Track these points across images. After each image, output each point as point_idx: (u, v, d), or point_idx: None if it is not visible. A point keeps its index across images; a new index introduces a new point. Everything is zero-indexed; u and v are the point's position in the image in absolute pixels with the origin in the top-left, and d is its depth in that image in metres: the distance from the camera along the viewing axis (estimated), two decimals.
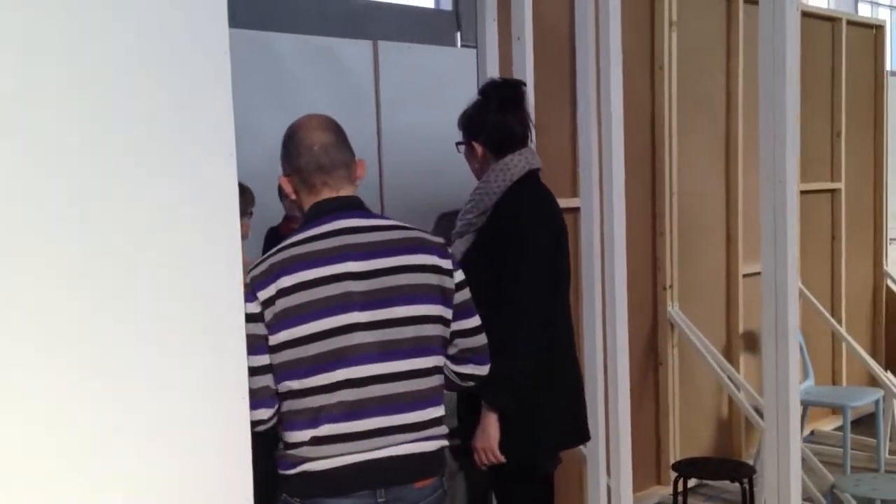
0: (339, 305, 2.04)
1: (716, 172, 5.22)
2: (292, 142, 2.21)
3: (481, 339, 2.27)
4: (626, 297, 3.56)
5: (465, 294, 2.22)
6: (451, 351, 2.23)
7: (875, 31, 6.57)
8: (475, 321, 2.25)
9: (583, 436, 3.04)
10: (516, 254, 2.75)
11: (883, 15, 20.35)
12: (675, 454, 4.81)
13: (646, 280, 4.81)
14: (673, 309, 4.85)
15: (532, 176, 2.90)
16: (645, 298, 4.81)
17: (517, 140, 2.90)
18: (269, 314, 2.02)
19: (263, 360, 2.02)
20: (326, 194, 2.17)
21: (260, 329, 2.01)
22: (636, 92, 4.63)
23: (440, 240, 2.23)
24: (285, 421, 2.06)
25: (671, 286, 4.86)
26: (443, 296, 2.15)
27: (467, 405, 2.83)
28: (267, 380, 2.03)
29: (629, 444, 3.56)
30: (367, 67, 5.45)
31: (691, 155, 4.99)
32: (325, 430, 2.03)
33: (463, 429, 2.86)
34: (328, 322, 2.03)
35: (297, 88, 5.06)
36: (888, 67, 6.86)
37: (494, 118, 2.89)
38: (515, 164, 2.86)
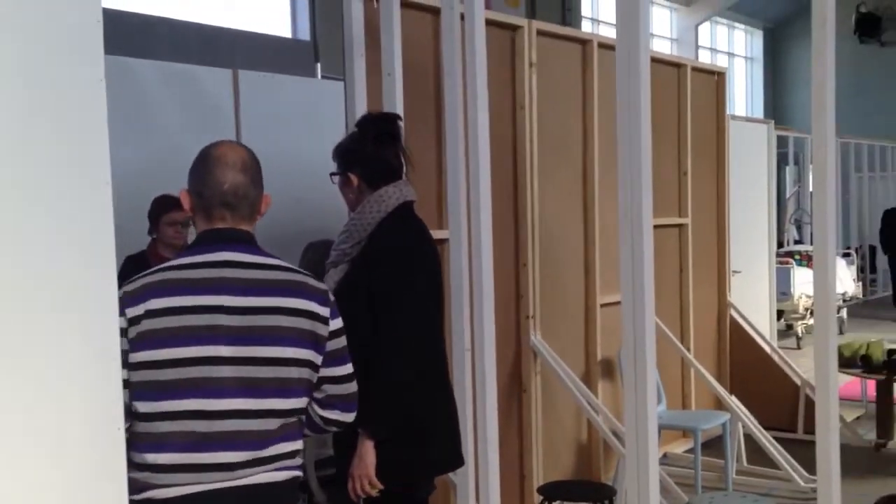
0: (205, 336, 2.05)
1: (574, 207, 5.44)
2: (204, 167, 2.19)
3: (350, 388, 2.30)
4: (493, 326, 3.68)
5: (339, 342, 2.24)
6: (319, 395, 2.25)
7: (717, 77, 7.01)
8: (346, 369, 2.27)
9: (458, 461, 3.11)
10: (391, 283, 2.81)
11: (721, 62, 21.61)
12: (538, 478, 4.94)
13: (509, 310, 4.96)
14: (536, 338, 5.00)
15: (406, 207, 2.98)
16: (509, 327, 4.95)
17: (393, 172, 2.98)
18: (133, 332, 2.02)
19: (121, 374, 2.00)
20: (220, 225, 2.18)
21: (122, 345, 1.99)
22: (499, 129, 4.79)
23: (323, 286, 2.25)
24: (130, 442, 2.02)
25: (534, 315, 5.02)
26: (314, 341, 2.17)
27: (342, 434, 2.85)
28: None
29: (497, 469, 3.65)
30: (227, 96, 5.42)
31: (552, 190, 5.19)
32: (169, 458, 2.02)
33: (338, 456, 2.88)
34: (189, 351, 2.04)
35: (156, 115, 4.98)
36: (729, 111, 7.32)
37: (371, 150, 2.96)
38: (390, 196, 2.93)
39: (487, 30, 3.72)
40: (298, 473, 2.20)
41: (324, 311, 2.20)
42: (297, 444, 2.20)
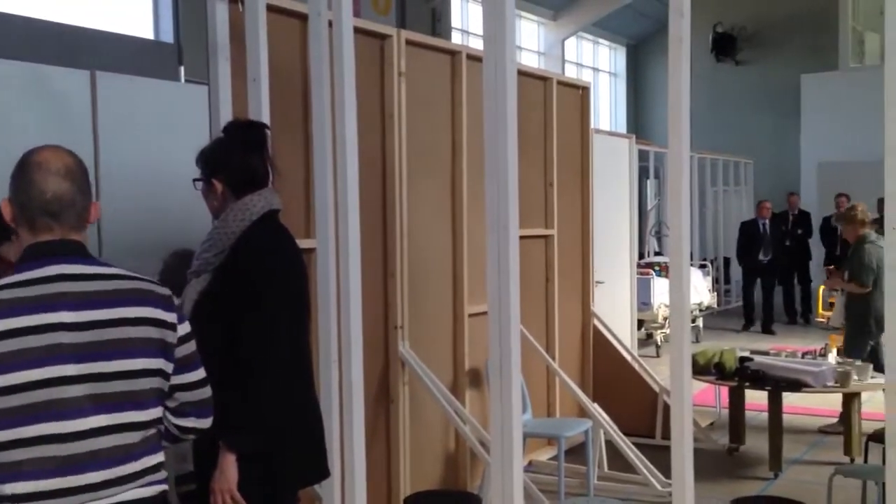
0: (48, 357, 1.95)
1: (443, 217, 5.47)
2: (24, 176, 2.06)
3: (204, 393, 2.23)
4: (361, 336, 3.65)
5: (188, 347, 2.17)
6: (172, 404, 2.18)
7: (581, 91, 7.19)
8: (198, 375, 2.21)
9: (323, 473, 3.07)
10: (255, 293, 2.75)
11: (587, 76, 22.23)
12: (405, 489, 4.93)
13: (378, 320, 4.94)
14: (404, 348, 5.00)
15: (272, 216, 2.93)
16: (377, 338, 4.93)
17: (259, 180, 2.92)
18: None
19: None
20: (46, 236, 2.05)
21: None
22: (368, 138, 4.77)
23: (166, 291, 2.16)
24: None
25: (402, 326, 5.01)
26: (163, 349, 2.10)
27: (203, 448, 2.77)
28: None
29: (364, 481, 3.62)
30: (85, 98, 5.21)
31: (420, 199, 5.21)
32: (29, 486, 1.93)
33: (199, 472, 2.80)
34: (33, 374, 1.94)
35: (8, 116, 4.74)
36: (593, 125, 7.52)
37: (237, 157, 2.90)
38: (255, 204, 2.88)
39: (356, 38, 3.69)
40: (165, 487, 2.14)
41: (170, 317, 2.13)
42: (161, 457, 2.14)
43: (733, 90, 21.19)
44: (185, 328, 2.17)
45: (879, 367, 6.65)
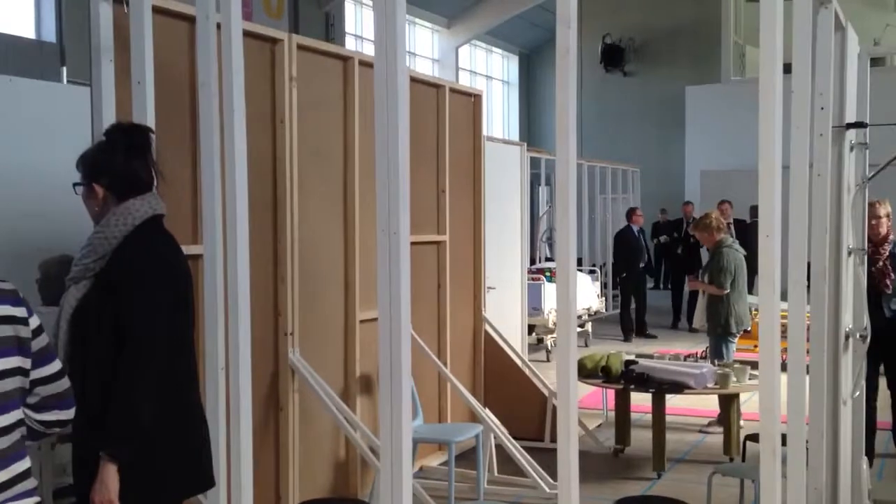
0: None
1: (335, 222, 5.44)
2: None
3: (64, 384, 2.21)
4: (249, 344, 3.59)
5: (42, 340, 2.15)
6: (32, 400, 2.14)
7: (473, 99, 7.25)
8: (55, 367, 2.19)
9: (207, 483, 3.01)
10: (137, 301, 2.69)
11: (480, 84, 22.45)
12: (295, 498, 4.88)
13: (267, 327, 4.88)
14: (294, 355, 4.95)
15: (155, 221, 2.87)
16: (266, 345, 4.86)
17: (142, 185, 2.86)
18: None
19: None
20: None
21: None
22: (258, 143, 4.72)
23: (9, 285, 2.12)
24: None
25: (293, 332, 4.96)
26: (19, 346, 2.07)
27: (82, 458, 2.69)
28: None
29: (251, 490, 3.57)
30: None
31: (312, 205, 5.17)
32: None
33: (78, 484, 2.71)
34: None
35: None
36: (486, 132, 7.60)
37: (120, 162, 2.83)
38: (138, 209, 2.81)
39: (246, 41, 3.65)
40: (38, 498, 2.08)
41: (20, 312, 2.09)
42: (27, 464, 2.08)
43: (621, 100, 21.74)
44: (35, 321, 2.14)
45: (719, 357, 7.06)
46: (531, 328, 10.73)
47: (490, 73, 23.71)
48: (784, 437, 2.81)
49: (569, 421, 2.99)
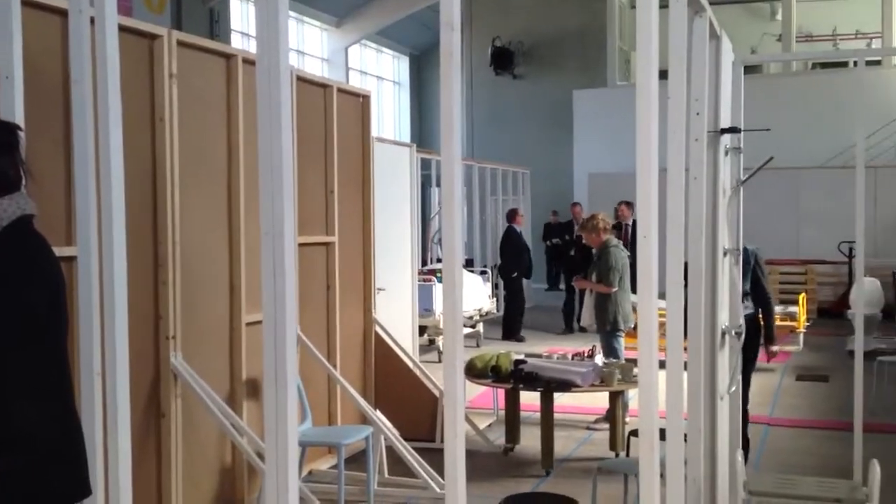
0: None
1: (219, 224, 5.33)
2: None
3: None
4: (126, 348, 3.48)
5: None
6: None
7: (362, 99, 7.21)
8: None
9: (84, 491, 2.90)
10: (5, 306, 2.57)
11: (371, 85, 22.39)
12: None
13: (147, 331, 4.74)
14: (176, 359, 4.82)
15: (25, 222, 2.74)
16: (146, 349, 4.73)
17: (9, 184, 2.73)
18: None
19: None
20: None
21: None
22: (136, 141, 4.59)
23: None
24: None
25: (174, 336, 4.83)
26: None
27: None
28: None
29: (129, 499, 3.45)
30: None
31: (194, 206, 5.05)
32: None
33: None
34: None
35: None
36: (378, 133, 7.57)
37: None
38: (6, 209, 2.69)
39: (123, 37, 3.53)
40: None
41: None
42: None
43: (511, 102, 22.01)
44: None
45: (612, 353, 7.25)
46: (422, 329, 10.75)
47: (381, 73, 23.67)
48: (663, 431, 2.88)
49: (455, 420, 2.99)
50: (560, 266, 14.62)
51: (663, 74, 2.85)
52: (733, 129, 4.38)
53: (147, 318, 4.73)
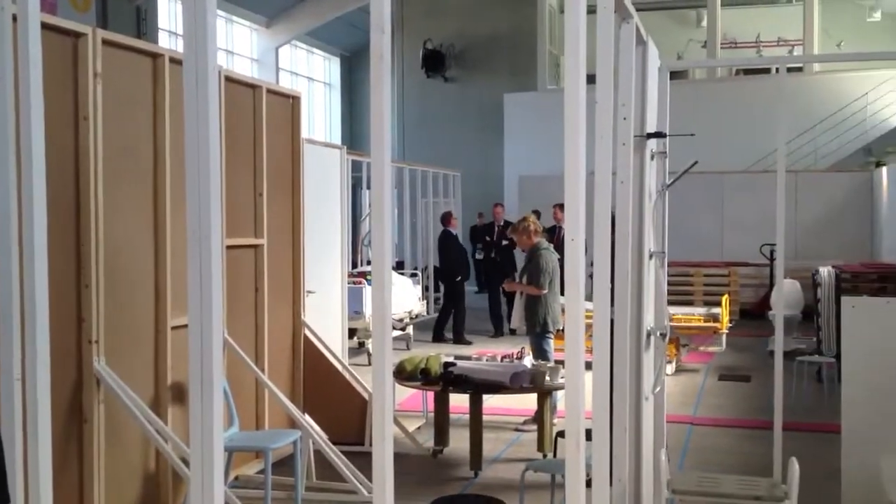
0: None
1: (144, 225, 5.24)
2: None
3: None
4: (48, 352, 3.40)
5: None
6: None
7: (292, 100, 7.16)
8: None
9: (2, 500, 2.83)
10: None
11: (302, 86, 22.23)
12: None
13: (69, 334, 4.64)
14: (99, 364, 4.73)
15: None
16: (68, 354, 4.63)
17: None
18: None
19: None
20: None
21: None
22: (59, 141, 4.50)
23: None
24: None
25: (97, 340, 4.74)
26: None
27: None
28: None
29: None
30: None
31: (119, 207, 4.96)
32: None
33: None
34: None
35: None
36: (309, 135, 7.52)
37: None
38: None
39: (46, 35, 3.47)
40: None
41: None
42: None
43: (443, 105, 22.09)
44: None
45: (542, 355, 7.34)
46: (352, 332, 10.70)
47: (311, 74, 23.53)
48: (589, 432, 2.91)
49: (384, 423, 2.99)
50: (483, 269, 14.37)
51: (592, 79, 2.89)
52: (659, 134, 4.45)
53: (69, 322, 4.63)
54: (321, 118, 23.85)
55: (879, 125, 18.18)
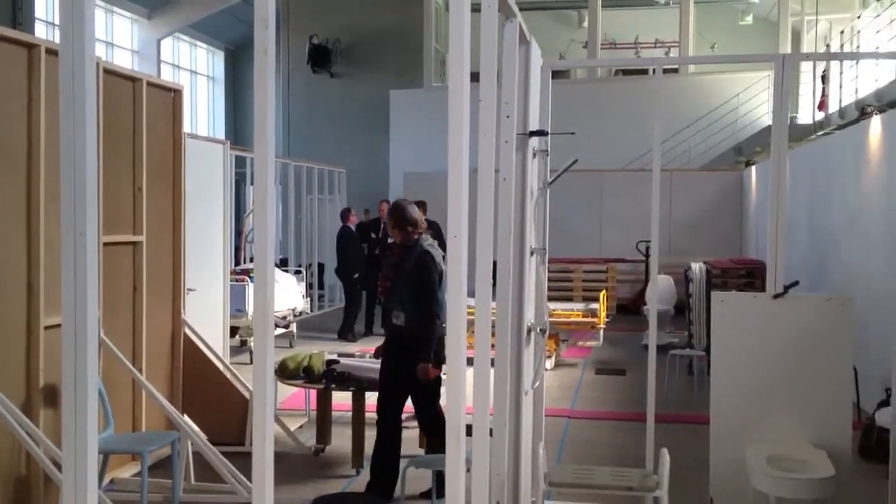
0: None
1: (17, 220, 5.06)
2: None
3: None
4: None
5: None
6: None
7: (173, 94, 7.00)
8: None
9: None
10: None
11: (185, 79, 21.72)
12: None
13: None
14: None
15: None
16: None
17: None
18: None
19: None
20: None
21: None
22: None
23: None
24: None
25: None
26: None
27: None
28: None
29: None
30: None
31: None
32: None
33: None
34: None
35: None
36: (192, 129, 7.36)
37: None
38: None
39: None
40: None
41: None
42: None
43: (329, 101, 21.94)
44: None
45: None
46: (235, 330, 10.55)
47: (195, 68, 23.03)
48: (470, 427, 2.97)
49: (264, 422, 2.97)
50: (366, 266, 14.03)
51: (476, 77, 2.94)
52: (541, 132, 4.54)
53: None
54: (204, 113, 23.36)
55: (749, 125, 18.91)
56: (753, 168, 16.43)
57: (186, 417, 5.92)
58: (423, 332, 5.57)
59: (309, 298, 14.11)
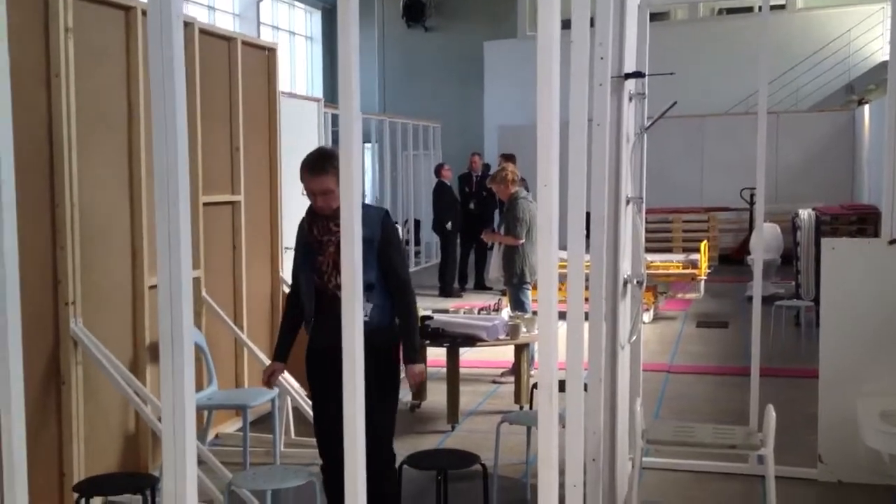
0: None
1: (119, 183, 5.17)
2: None
3: None
4: (19, 315, 3.36)
5: None
6: None
7: (268, 53, 7.04)
8: None
9: None
10: None
11: (283, 40, 21.93)
12: (80, 474, 4.65)
13: (45, 297, 4.60)
14: (77, 325, 4.69)
15: None
16: (45, 316, 4.59)
17: None
18: None
19: None
20: None
21: None
22: (30, 99, 4.42)
23: None
24: None
25: (74, 301, 4.70)
26: None
27: None
28: None
29: (24, 469, 3.36)
30: None
31: (93, 165, 4.88)
32: None
33: None
34: None
35: None
36: (290, 89, 7.39)
37: None
38: None
39: None
40: None
41: None
42: None
43: (423, 56, 21.87)
44: None
45: (519, 306, 7.27)
46: None
47: (293, 28, 23.22)
48: (563, 382, 2.90)
49: (354, 376, 2.97)
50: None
51: (569, 24, 2.82)
52: (637, 74, 4.37)
53: (44, 284, 4.59)
54: (303, 73, 23.57)
55: (862, 62, 17.89)
56: (867, 107, 15.65)
57: (286, 374, 6.01)
58: None
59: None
